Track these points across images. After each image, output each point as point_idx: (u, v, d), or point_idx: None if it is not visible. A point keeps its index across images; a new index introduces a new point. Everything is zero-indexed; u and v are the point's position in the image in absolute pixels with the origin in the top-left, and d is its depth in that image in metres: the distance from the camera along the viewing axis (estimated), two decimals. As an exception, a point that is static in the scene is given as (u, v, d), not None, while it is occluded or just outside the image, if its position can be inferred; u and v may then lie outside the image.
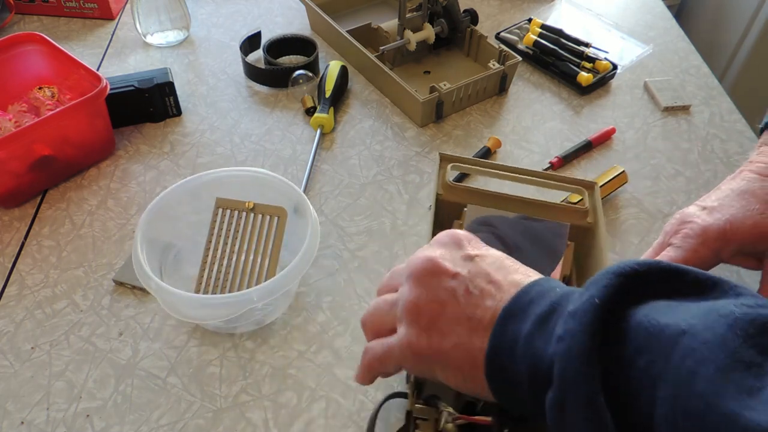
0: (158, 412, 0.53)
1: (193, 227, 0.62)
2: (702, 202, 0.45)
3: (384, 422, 0.52)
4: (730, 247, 0.42)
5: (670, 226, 0.46)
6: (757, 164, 0.44)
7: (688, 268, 0.29)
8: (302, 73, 0.83)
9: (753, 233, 0.42)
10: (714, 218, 0.42)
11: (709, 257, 0.43)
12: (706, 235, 0.42)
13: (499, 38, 0.94)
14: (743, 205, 0.42)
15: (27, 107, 0.73)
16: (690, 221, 0.44)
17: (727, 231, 0.42)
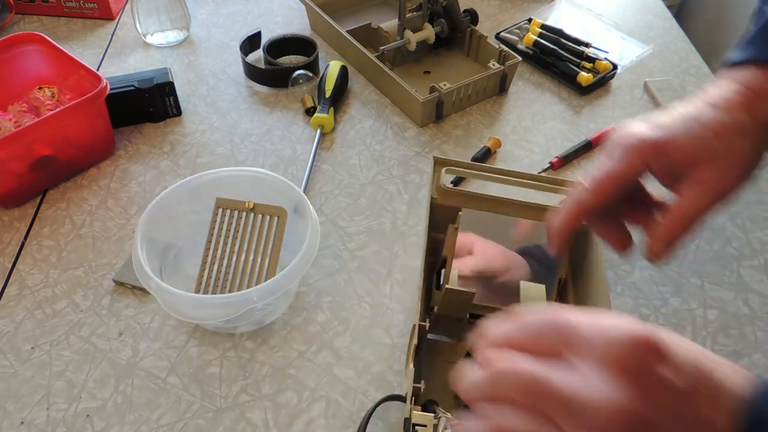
0: (158, 412, 0.53)
1: (193, 227, 0.62)
2: (649, 119, 0.45)
3: (384, 422, 0.52)
4: (663, 162, 0.42)
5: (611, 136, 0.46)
6: (710, 96, 0.44)
7: None
8: (302, 73, 0.83)
9: (686, 153, 0.41)
10: (654, 132, 0.42)
11: (639, 168, 0.42)
12: (637, 146, 0.42)
13: (499, 38, 0.94)
14: (687, 128, 0.42)
15: (27, 107, 0.73)
16: (629, 129, 0.44)
17: (662, 146, 0.42)
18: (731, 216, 0.70)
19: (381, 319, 0.60)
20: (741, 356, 0.58)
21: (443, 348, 0.56)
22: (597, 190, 0.43)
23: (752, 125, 0.42)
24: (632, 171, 0.43)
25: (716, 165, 0.41)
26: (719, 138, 0.41)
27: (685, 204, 0.42)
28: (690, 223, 0.42)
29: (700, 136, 0.41)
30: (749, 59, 0.44)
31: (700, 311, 0.61)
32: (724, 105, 0.43)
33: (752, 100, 0.42)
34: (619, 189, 0.43)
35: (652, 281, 0.64)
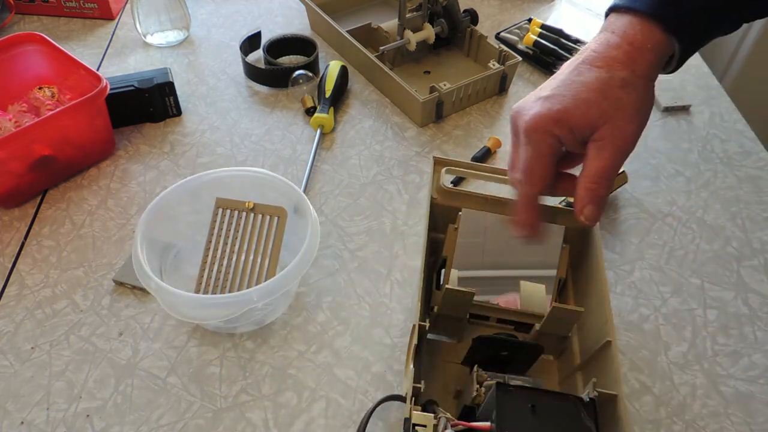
0: (158, 412, 0.53)
1: (193, 227, 0.62)
2: (539, 90, 0.47)
3: (384, 422, 0.52)
4: (565, 132, 0.44)
5: (512, 122, 0.48)
6: (590, 53, 0.46)
7: None
8: (302, 73, 0.83)
9: (582, 120, 0.44)
10: (545, 107, 0.44)
11: (555, 143, 0.45)
12: (542, 125, 0.44)
13: (499, 38, 0.94)
14: (572, 94, 0.44)
15: (27, 107, 0.73)
16: (528, 112, 0.46)
17: (558, 118, 0.44)
18: (731, 216, 0.70)
19: (381, 319, 0.60)
20: (741, 356, 0.58)
21: (443, 348, 0.56)
22: (533, 180, 0.46)
23: (633, 78, 0.44)
24: (551, 149, 0.45)
25: (610, 124, 0.44)
26: (606, 98, 0.43)
27: (592, 164, 0.45)
28: (601, 179, 0.44)
29: (588, 100, 0.44)
30: (630, 8, 0.46)
31: (700, 311, 0.61)
32: (604, 64, 0.44)
33: (631, 55, 0.44)
34: (549, 169, 0.46)
35: (652, 281, 0.64)
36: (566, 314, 0.50)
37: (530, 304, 0.55)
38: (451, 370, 0.55)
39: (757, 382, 0.56)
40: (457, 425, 0.41)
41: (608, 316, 0.48)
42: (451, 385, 0.53)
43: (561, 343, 0.54)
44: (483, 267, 0.57)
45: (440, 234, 0.59)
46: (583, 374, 0.52)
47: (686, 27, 0.45)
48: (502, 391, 0.42)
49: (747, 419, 0.54)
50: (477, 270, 0.57)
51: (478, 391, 0.45)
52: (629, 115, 0.44)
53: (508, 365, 0.50)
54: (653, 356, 0.58)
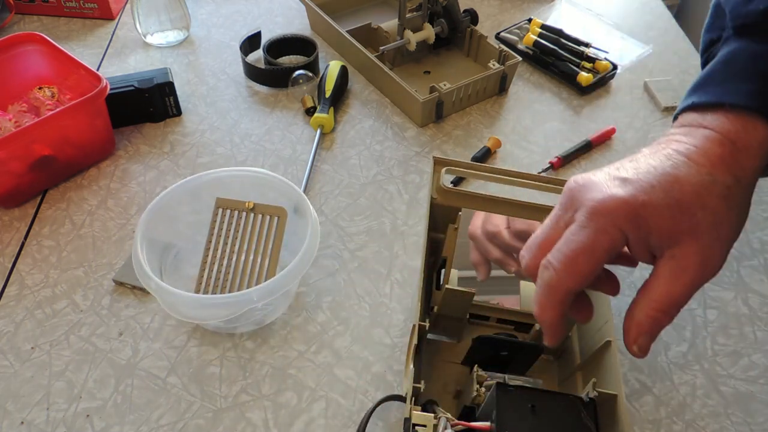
0: (158, 412, 0.53)
1: (193, 227, 0.62)
2: (615, 170, 0.37)
3: (384, 422, 0.52)
4: (641, 233, 0.35)
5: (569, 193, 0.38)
6: (685, 145, 0.37)
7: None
8: (302, 73, 0.83)
9: (666, 226, 0.34)
10: (626, 191, 0.35)
11: (619, 241, 0.35)
12: (616, 214, 0.35)
13: (499, 38, 0.94)
14: (665, 188, 0.35)
15: (27, 107, 0.73)
16: (601, 190, 0.36)
17: (640, 214, 0.34)
18: (731, 216, 0.70)
19: (381, 319, 0.60)
20: (741, 356, 0.58)
21: (443, 348, 0.56)
22: (573, 273, 0.36)
23: (736, 188, 0.36)
24: (612, 246, 0.35)
25: (699, 243, 0.35)
26: (703, 207, 0.35)
27: (667, 288, 0.35)
28: (671, 308, 0.36)
29: (682, 203, 0.35)
30: (721, 103, 0.37)
31: (700, 311, 0.61)
32: (703, 160, 0.36)
33: (734, 155, 0.36)
34: (597, 268, 0.36)
35: (652, 281, 0.64)
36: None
37: (530, 304, 0.55)
38: (451, 370, 0.55)
39: (757, 382, 0.56)
40: (456, 425, 0.41)
41: (608, 316, 0.48)
42: (451, 385, 0.53)
43: (561, 343, 0.54)
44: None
45: (440, 234, 0.59)
46: (583, 374, 0.52)
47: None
48: (502, 391, 0.42)
49: (747, 419, 0.54)
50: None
51: (478, 391, 0.45)
52: (725, 235, 0.35)
53: (508, 365, 0.50)
54: (653, 356, 0.58)
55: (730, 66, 0.39)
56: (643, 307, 0.36)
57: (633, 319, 0.36)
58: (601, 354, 0.48)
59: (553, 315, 0.37)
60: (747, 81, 0.37)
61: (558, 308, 0.37)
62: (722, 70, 0.39)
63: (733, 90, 0.37)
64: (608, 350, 0.47)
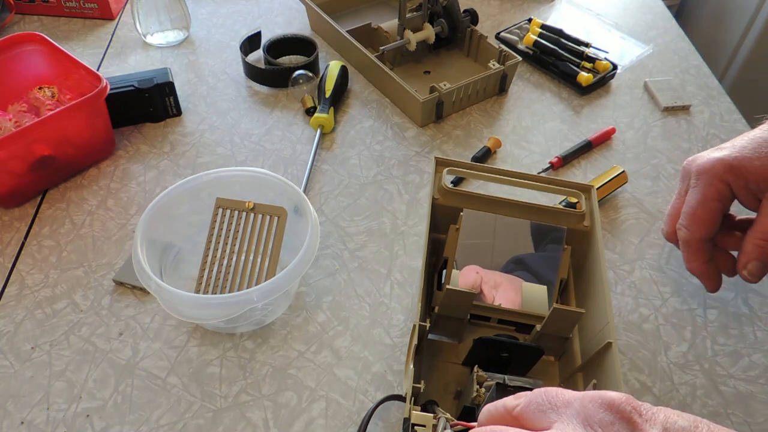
0: (158, 412, 0.53)
1: (193, 227, 0.62)
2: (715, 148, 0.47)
3: (384, 422, 0.52)
4: (740, 182, 0.44)
5: (684, 171, 0.48)
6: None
7: None
8: (302, 73, 0.83)
9: (760, 172, 0.43)
10: (722, 153, 0.44)
11: (724, 190, 0.44)
12: (715, 169, 0.44)
13: (499, 38, 0.94)
14: (754, 147, 0.44)
15: (27, 107, 0.73)
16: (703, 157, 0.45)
17: (734, 165, 0.44)
18: (731, 216, 0.70)
19: (381, 319, 0.60)
20: (741, 356, 0.58)
21: (444, 348, 0.56)
22: (696, 224, 0.45)
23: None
24: (720, 195, 0.44)
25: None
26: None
27: (766, 219, 0.44)
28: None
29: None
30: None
31: (700, 311, 0.61)
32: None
33: None
34: (713, 214, 0.45)
35: (652, 281, 0.64)
36: (567, 315, 0.50)
37: (532, 305, 0.55)
38: (452, 370, 0.55)
39: (757, 382, 0.56)
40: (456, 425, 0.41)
41: (609, 318, 0.48)
42: (451, 386, 0.53)
43: (562, 344, 0.54)
44: (485, 268, 0.57)
45: (441, 234, 0.59)
46: (583, 375, 0.52)
47: None
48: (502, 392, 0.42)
49: (747, 419, 0.54)
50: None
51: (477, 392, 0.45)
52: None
53: (509, 366, 0.50)
54: (653, 356, 0.58)
55: None
56: (750, 238, 0.45)
57: (743, 250, 0.45)
58: (601, 355, 0.48)
59: (698, 264, 0.47)
60: None
61: (700, 257, 0.47)
62: None
63: None
64: (609, 352, 0.47)
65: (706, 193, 0.45)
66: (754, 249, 0.45)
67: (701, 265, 0.47)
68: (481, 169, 0.59)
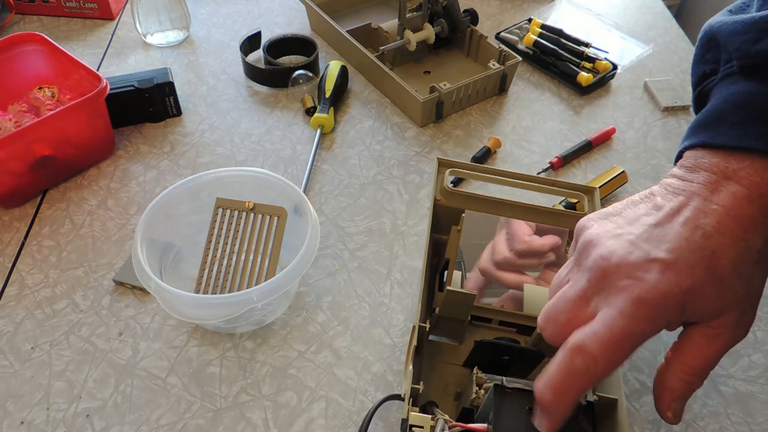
0: (158, 412, 0.53)
1: (193, 227, 0.62)
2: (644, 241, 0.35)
3: (384, 422, 0.52)
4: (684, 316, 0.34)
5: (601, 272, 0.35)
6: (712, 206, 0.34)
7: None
8: (302, 73, 0.83)
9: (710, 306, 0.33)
10: (678, 280, 0.33)
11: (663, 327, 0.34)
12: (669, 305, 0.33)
13: (499, 38, 0.94)
14: (704, 267, 0.33)
15: (27, 107, 0.73)
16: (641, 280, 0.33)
17: (688, 301, 0.33)
18: (731, 216, 0.70)
19: (381, 319, 0.60)
20: (741, 356, 0.58)
21: (445, 349, 0.56)
22: (613, 361, 0.34)
23: (766, 248, 0.34)
24: (652, 332, 0.34)
25: (737, 311, 0.34)
26: (740, 277, 0.34)
27: (697, 353, 0.35)
28: (703, 373, 0.36)
29: (722, 279, 0.33)
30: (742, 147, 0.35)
31: (700, 311, 0.61)
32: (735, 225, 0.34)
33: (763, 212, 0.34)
34: (632, 352, 0.34)
35: (652, 281, 0.64)
36: None
37: (533, 307, 0.55)
38: (453, 371, 0.54)
39: (757, 382, 0.56)
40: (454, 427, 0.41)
41: None
42: (451, 387, 0.53)
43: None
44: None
45: (443, 236, 0.59)
46: (583, 375, 0.52)
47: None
48: (500, 394, 0.42)
49: (747, 419, 0.54)
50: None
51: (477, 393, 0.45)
52: (758, 295, 0.35)
53: (510, 369, 0.50)
54: (653, 356, 0.58)
55: (747, 109, 0.36)
56: (676, 371, 0.36)
57: (665, 385, 0.36)
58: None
59: (570, 403, 0.35)
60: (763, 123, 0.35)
61: (579, 396, 0.35)
62: (735, 112, 0.36)
63: (754, 134, 0.34)
64: None
65: (642, 331, 0.33)
66: (682, 386, 0.35)
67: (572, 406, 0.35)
68: (484, 170, 0.59)
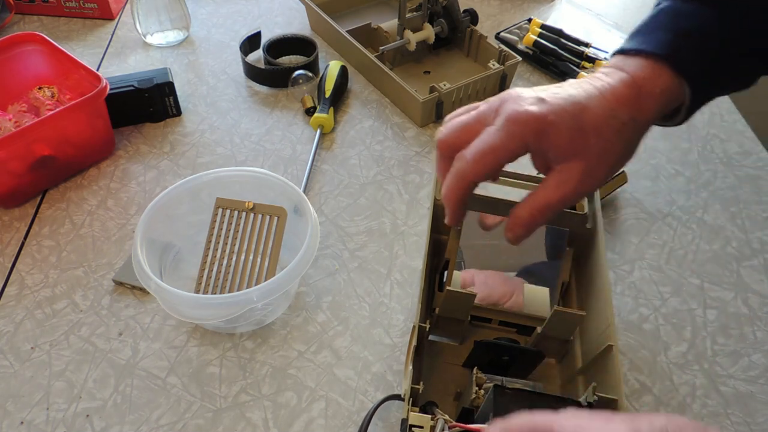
0: (158, 412, 0.53)
1: (193, 227, 0.62)
2: (543, 90, 0.43)
3: (384, 422, 0.52)
4: (540, 145, 0.41)
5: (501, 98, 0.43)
6: (602, 82, 0.42)
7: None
8: (302, 73, 0.83)
9: (564, 145, 0.41)
10: (539, 108, 0.41)
11: (524, 148, 0.41)
12: (525, 124, 0.40)
13: (499, 38, 0.94)
14: (573, 115, 0.40)
15: (27, 107, 0.73)
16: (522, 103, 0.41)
17: (546, 131, 0.40)
18: (731, 216, 0.70)
19: (381, 319, 0.60)
20: (741, 356, 0.58)
21: (445, 349, 0.56)
22: (479, 164, 0.41)
23: (633, 126, 0.42)
24: (516, 150, 0.41)
25: (587, 163, 0.41)
26: (599, 136, 0.41)
27: (547, 193, 0.42)
28: (548, 210, 0.42)
29: (582, 129, 0.40)
30: (640, 50, 0.43)
31: (699, 311, 0.61)
32: (611, 97, 0.41)
33: (638, 98, 0.42)
34: (499, 164, 0.42)
35: (652, 281, 0.64)
36: (567, 318, 0.50)
37: (533, 307, 0.55)
38: (453, 371, 0.54)
39: (757, 382, 0.56)
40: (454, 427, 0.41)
41: (610, 321, 0.48)
42: (451, 387, 0.53)
43: (563, 347, 0.54)
44: (494, 269, 0.57)
45: (443, 236, 0.59)
46: (584, 378, 0.52)
47: (698, 71, 0.42)
48: (500, 394, 0.42)
49: (747, 419, 0.54)
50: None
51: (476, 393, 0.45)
52: (609, 162, 0.42)
53: (510, 369, 0.50)
54: (653, 356, 0.58)
55: (657, 19, 0.45)
56: (525, 205, 0.43)
57: (515, 213, 0.43)
58: (602, 358, 0.48)
59: (456, 198, 0.43)
60: (665, 32, 0.43)
61: (462, 193, 0.43)
62: (650, 23, 0.45)
63: (651, 39, 0.43)
64: (609, 354, 0.46)
65: (504, 144, 0.41)
66: (528, 218, 0.42)
67: (459, 200, 0.43)
68: None
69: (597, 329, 0.50)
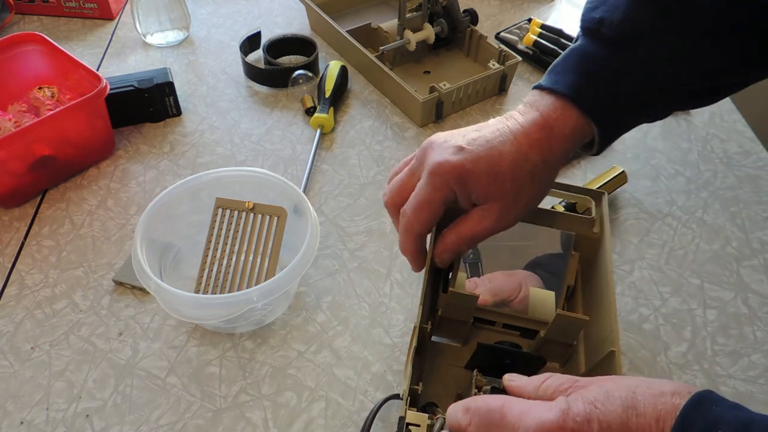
0: (158, 412, 0.53)
1: (193, 227, 0.62)
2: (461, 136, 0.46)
3: (384, 422, 0.52)
4: (465, 191, 0.45)
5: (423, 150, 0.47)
6: (517, 123, 0.46)
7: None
8: (302, 73, 0.83)
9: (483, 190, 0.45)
10: (458, 158, 0.44)
11: (451, 195, 0.46)
12: (448, 175, 0.45)
13: (499, 38, 0.94)
14: (489, 161, 0.44)
15: (27, 107, 0.73)
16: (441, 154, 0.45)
17: (466, 178, 0.45)
18: (731, 216, 0.70)
19: (381, 319, 0.60)
20: (741, 356, 0.58)
21: (448, 351, 0.56)
22: (419, 217, 0.47)
23: (544, 167, 0.45)
24: (445, 199, 0.46)
25: (503, 204, 0.46)
26: (513, 179, 0.45)
27: (470, 225, 0.47)
28: (470, 241, 0.48)
29: (498, 174, 0.44)
30: (552, 89, 0.46)
31: (699, 311, 0.61)
32: (524, 141, 0.45)
33: (549, 139, 0.45)
34: (436, 216, 0.47)
35: (652, 281, 0.64)
36: (571, 322, 0.50)
37: (538, 311, 0.55)
38: (455, 373, 0.54)
39: (757, 382, 0.56)
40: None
41: (614, 326, 0.47)
42: (453, 388, 0.53)
43: (567, 351, 0.54)
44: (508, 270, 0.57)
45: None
46: (587, 381, 0.51)
47: (605, 111, 0.45)
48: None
49: (747, 419, 0.54)
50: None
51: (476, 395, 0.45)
52: (523, 201, 0.46)
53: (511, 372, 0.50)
54: (653, 356, 0.58)
55: (570, 59, 0.47)
56: (452, 234, 0.48)
57: (443, 239, 0.49)
58: (605, 363, 0.47)
59: (412, 250, 0.49)
60: (575, 74, 0.45)
61: (414, 244, 0.49)
62: (563, 63, 0.47)
63: (561, 80, 0.46)
64: (612, 360, 0.46)
65: (434, 196, 0.45)
66: (453, 246, 0.48)
67: (414, 251, 0.49)
68: None
69: (601, 334, 0.50)
